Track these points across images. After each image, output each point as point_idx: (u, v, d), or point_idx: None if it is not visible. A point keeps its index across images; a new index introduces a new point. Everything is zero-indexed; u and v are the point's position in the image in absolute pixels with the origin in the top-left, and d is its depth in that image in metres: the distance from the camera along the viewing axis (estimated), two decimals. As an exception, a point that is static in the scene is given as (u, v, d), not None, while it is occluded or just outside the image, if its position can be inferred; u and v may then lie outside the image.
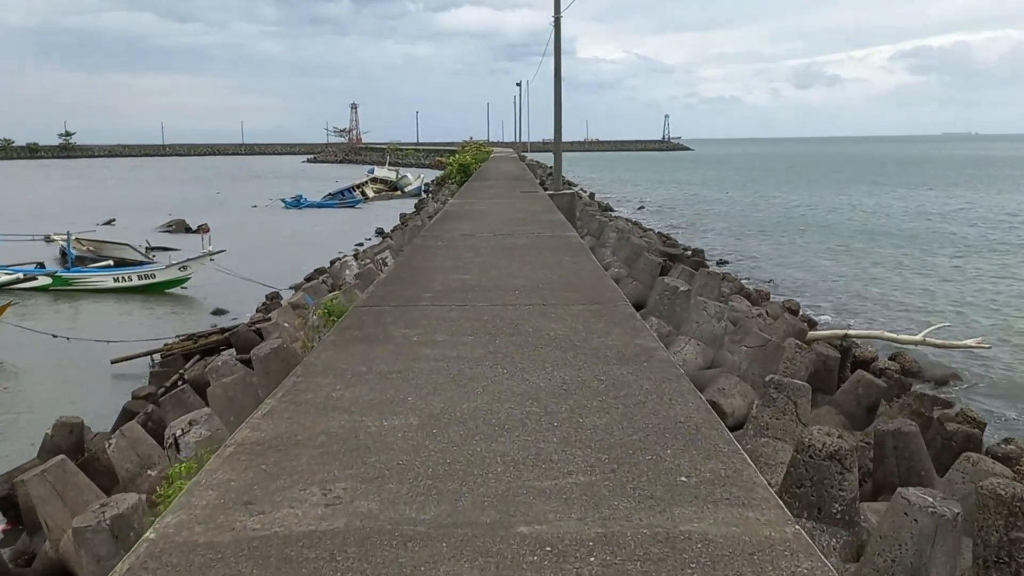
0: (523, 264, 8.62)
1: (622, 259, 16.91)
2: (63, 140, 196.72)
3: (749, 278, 24.45)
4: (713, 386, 8.72)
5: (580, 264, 8.69)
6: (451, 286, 7.37)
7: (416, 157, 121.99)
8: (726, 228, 38.95)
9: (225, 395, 7.59)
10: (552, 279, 7.70)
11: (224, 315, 21.09)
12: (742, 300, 15.80)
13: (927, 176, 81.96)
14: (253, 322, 17.13)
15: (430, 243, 10.58)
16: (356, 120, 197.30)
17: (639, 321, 5.89)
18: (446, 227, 12.55)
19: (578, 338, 5.37)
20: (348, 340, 5.43)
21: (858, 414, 9.68)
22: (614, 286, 7.42)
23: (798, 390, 7.20)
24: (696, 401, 4.05)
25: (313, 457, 3.36)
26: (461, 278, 7.77)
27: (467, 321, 5.91)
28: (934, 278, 24.12)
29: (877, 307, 19.78)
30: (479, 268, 8.39)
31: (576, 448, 3.43)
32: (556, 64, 20.50)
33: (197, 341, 16.41)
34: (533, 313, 6.17)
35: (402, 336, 5.49)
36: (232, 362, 11.03)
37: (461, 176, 35.06)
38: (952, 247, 29.96)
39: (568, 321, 5.88)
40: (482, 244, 10.34)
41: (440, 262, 8.91)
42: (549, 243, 10.44)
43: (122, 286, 24.51)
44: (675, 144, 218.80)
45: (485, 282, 7.55)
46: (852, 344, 11.97)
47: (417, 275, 8.02)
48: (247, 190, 72.01)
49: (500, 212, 15.26)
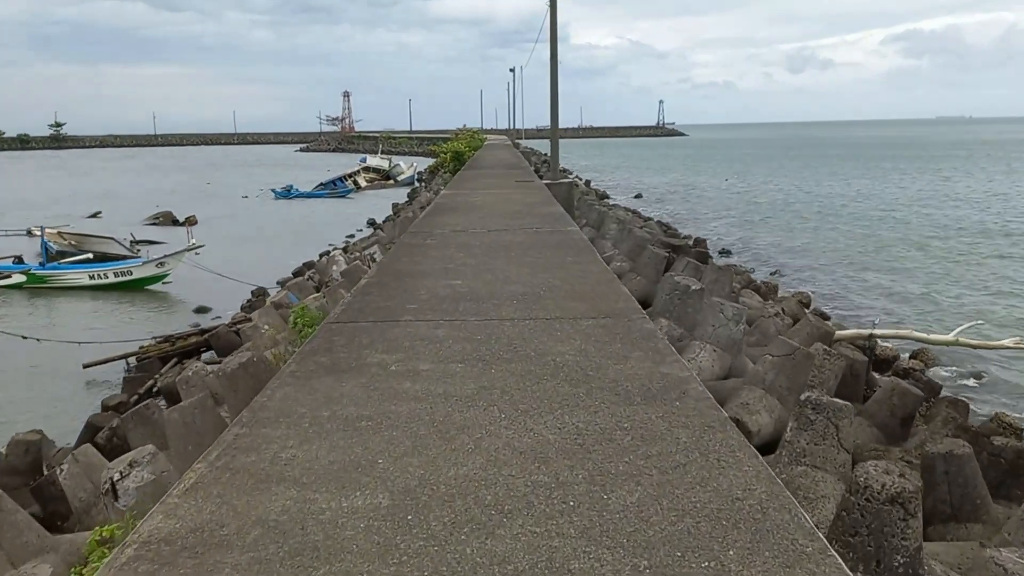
0: (521, 266, 7.66)
1: (624, 252, 15.96)
2: (54, 131, 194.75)
3: (754, 269, 23.54)
4: (735, 400, 7.79)
5: (585, 265, 7.73)
6: (440, 294, 6.40)
7: (409, 145, 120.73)
8: (727, 215, 38.00)
9: (182, 421, 6.63)
10: (555, 284, 6.75)
11: (207, 314, 20.10)
12: (753, 295, 14.89)
13: (935, 159, 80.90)
14: (234, 322, 16.15)
15: (418, 240, 9.60)
16: (349, 108, 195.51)
17: (662, 341, 4.94)
18: (437, 221, 11.57)
19: (590, 364, 4.42)
20: (312, 370, 4.47)
21: (892, 426, 8.75)
22: (626, 293, 6.46)
23: (839, 411, 6.28)
24: (753, 462, 3.11)
25: (238, 567, 2.41)
26: (451, 284, 6.81)
27: (457, 342, 4.96)
28: (950, 268, 23.19)
29: (894, 302, 18.85)
30: (472, 271, 7.42)
31: (602, 547, 2.49)
32: (552, 48, 19.45)
33: (174, 343, 15.46)
34: (535, 330, 5.22)
35: (378, 364, 4.53)
36: (204, 372, 10.06)
37: (455, 164, 33.99)
38: (989, 239, 28.71)
39: (577, 341, 4.92)
40: (475, 242, 9.37)
41: (428, 264, 7.94)
42: (549, 240, 9.47)
43: (98, 283, 23.50)
44: (670, 130, 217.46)
45: (479, 289, 6.59)
46: (876, 344, 11.07)
47: (402, 281, 7.05)
48: (238, 180, 70.78)
49: (495, 204, 14.27)
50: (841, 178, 59.01)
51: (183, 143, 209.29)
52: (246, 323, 15.04)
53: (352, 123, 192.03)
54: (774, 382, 7.99)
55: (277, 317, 14.02)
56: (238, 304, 20.44)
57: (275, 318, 13.87)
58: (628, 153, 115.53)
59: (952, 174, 60.48)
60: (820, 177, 60.36)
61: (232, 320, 16.67)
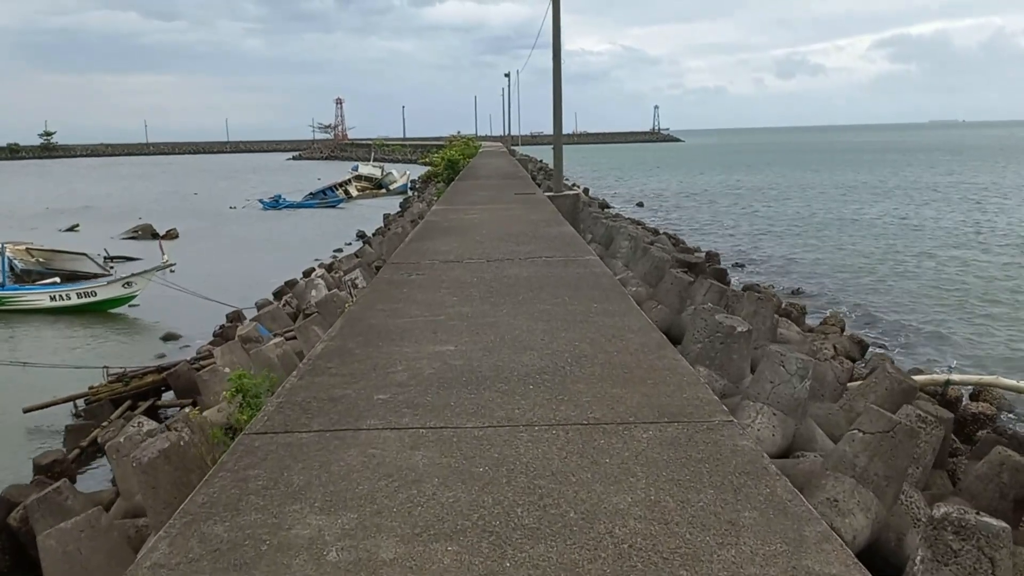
0: (533, 319, 5.76)
1: (640, 275, 14.06)
2: (44, 140, 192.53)
3: (773, 285, 21.66)
4: (818, 493, 5.90)
5: (619, 318, 5.83)
6: (422, 373, 4.50)
7: (403, 152, 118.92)
8: (733, 226, 36.16)
9: (61, 550, 4.71)
10: (583, 352, 4.86)
11: (174, 342, 18.11)
12: (790, 325, 13.02)
13: (942, 160, 79.00)
14: (198, 357, 14.20)
15: (401, 276, 7.68)
16: (342, 116, 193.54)
17: (783, 484, 3.04)
18: (426, 248, 9.66)
19: (674, 542, 2.55)
20: (198, 554, 2.57)
21: (1003, 510, 6.82)
22: (690, 371, 4.58)
23: (995, 537, 4.43)
24: None
25: None
26: (440, 352, 4.91)
27: (445, 480, 3.07)
28: (994, 286, 21.23)
29: (923, 321, 16.93)
30: (468, 328, 5.53)
31: None
32: (555, 45, 17.56)
33: (128, 383, 13.48)
34: (571, 451, 3.33)
35: (306, 543, 2.63)
36: (139, 437, 8.12)
37: (449, 173, 32.09)
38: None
39: (640, 478, 3.04)
40: (472, 277, 7.47)
41: (411, 313, 6.04)
42: (564, 275, 7.57)
43: (60, 305, 21.50)
44: (665, 135, 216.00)
45: (478, 361, 4.70)
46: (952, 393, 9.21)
47: (372, 346, 5.14)
48: (226, 189, 68.73)
49: (494, 222, 12.38)
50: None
51: (175, 151, 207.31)
52: (209, 360, 13.12)
53: (345, 130, 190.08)
54: (867, 469, 6.07)
55: (243, 354, 12.10)
56: (212, 329, 18.50)
57: (240, 355, 11.95)
58: (624, 159, 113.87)
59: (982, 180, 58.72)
60: (833, 179, 58.59)
61: (197, 354, 14.73)
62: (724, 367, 8.36)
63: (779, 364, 7.37)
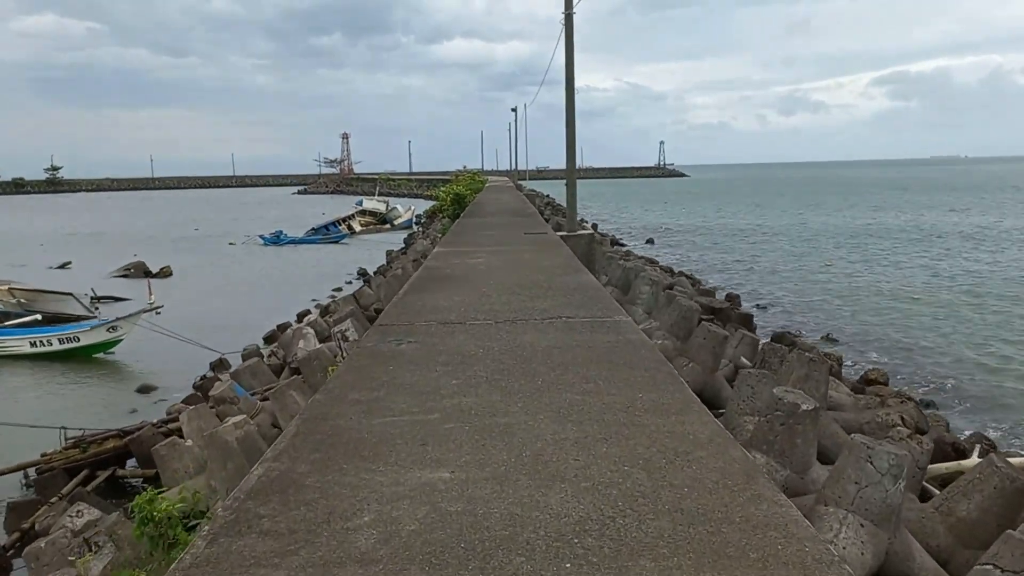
0: (561, 418, 4.22)
1: (666, 327, 12.48)
2: (50, 174, 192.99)
3: (800, 333, 20.04)
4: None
5: (676, 418, 4.28)
6: (399, 533, 2.95)
7: (409, 187, 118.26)
8: (746, 264, 34.61)
9: None
10: (636, 482, 3.31)
11: (150, 395, 16.57)
12: (839, 385, 11.42)
13: (946, 196, 77.43)
14: (166, 420, 12.61)
15: (389, 346, 6.14)
16: (348, 150, 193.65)
17: None
18: (423, 303, 8.14)
19: None
20: None
21: None
22: (803, 522, 3.03)
23: None
24: None
25: None
26: (429, 484, 3.37)
27: None
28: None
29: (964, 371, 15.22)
30: (470, 437, 3.99)
31: None
32: (568, 72, 16.21)
33: (87, 449, 11.91)
34: None
35: None
36: (64, 540, 6.57)
37: (455, 208, 30.71)
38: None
39: None
40: (476, 348, 5.94)
41: (393, 409, 4.50)
42: (593, 344, 6.03)
43: (40, 351, 20.06)
44: (671, 170, 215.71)
45: (483, 503, 3.15)
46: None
47: (333, 469, 3.60)
48: (228, 224, 67.56)
49: (502, 268, 10.88)
50: (862, 219, 55.76)
51: (181, 185, 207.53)
52: (176, 423, 11.56)
53: (351, 165, 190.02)
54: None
55: (213, 419, 10.56)
56: (193, 379, 16.98)
57: (209, 421, 10.40)
58: (632, 195, 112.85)
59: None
60: (855, 217, 57.14)
61: (167, 414, 13.16)
62: (786, 454, 6.78)
63: (866, 460, 5.79)
